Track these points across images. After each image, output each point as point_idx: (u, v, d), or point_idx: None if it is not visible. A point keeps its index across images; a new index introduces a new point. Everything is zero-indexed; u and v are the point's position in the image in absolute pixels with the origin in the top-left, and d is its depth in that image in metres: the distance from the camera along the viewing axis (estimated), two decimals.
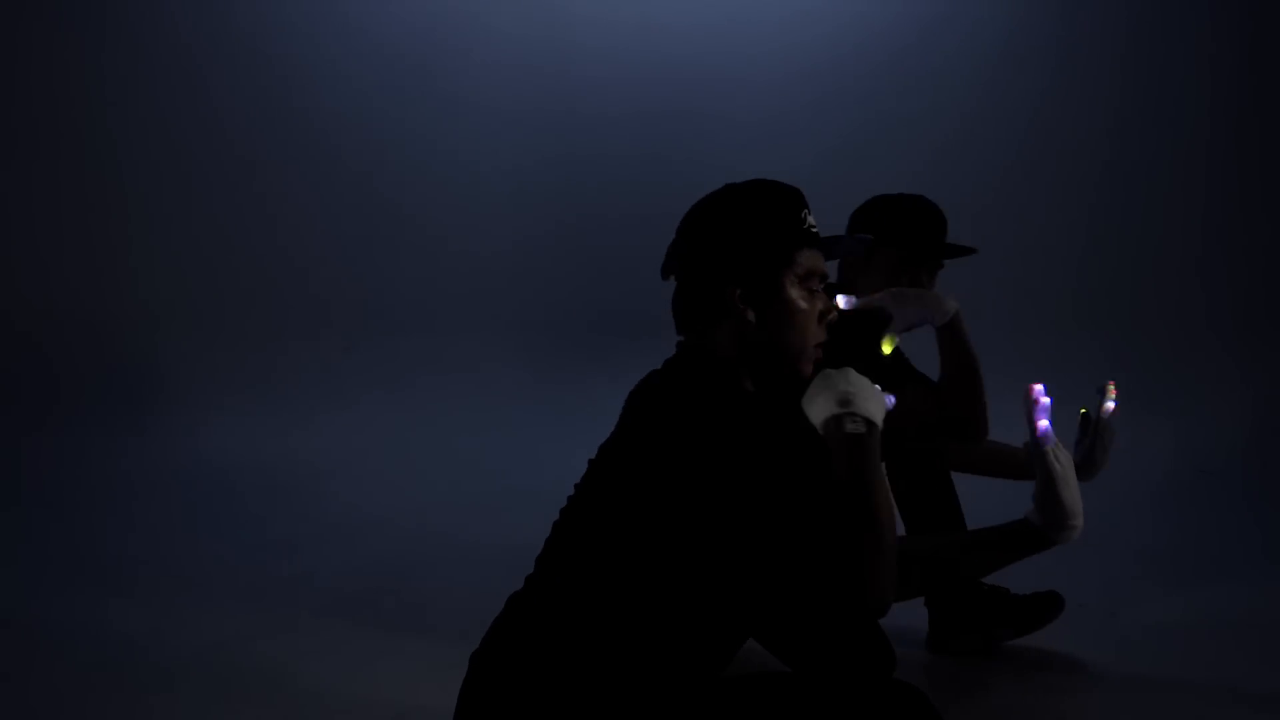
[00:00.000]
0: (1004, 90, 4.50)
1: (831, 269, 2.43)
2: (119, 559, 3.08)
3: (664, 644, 1.36)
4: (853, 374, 1.34)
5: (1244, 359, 4.39)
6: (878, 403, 1.33)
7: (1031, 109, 4.52)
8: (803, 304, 1.45)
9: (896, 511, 1.50)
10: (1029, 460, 1.44)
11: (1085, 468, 2.10)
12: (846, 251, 1.51)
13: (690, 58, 4.43)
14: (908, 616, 2.26)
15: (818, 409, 1.33)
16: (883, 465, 1.34)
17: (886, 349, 1.44)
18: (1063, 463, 1.39)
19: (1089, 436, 2.12)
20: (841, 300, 2.16)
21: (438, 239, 4.39)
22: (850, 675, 1.34)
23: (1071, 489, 1.39)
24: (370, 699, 2.16)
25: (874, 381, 1.34)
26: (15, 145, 4.16)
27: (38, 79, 4.16)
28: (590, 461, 1.47)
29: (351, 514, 3.54)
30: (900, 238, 2.28)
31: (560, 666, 1.35)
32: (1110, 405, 2.04)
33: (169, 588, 2.87)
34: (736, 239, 1.45)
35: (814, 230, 1.48)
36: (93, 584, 2.87)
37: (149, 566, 3.04)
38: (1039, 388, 1.43)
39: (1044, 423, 1.41)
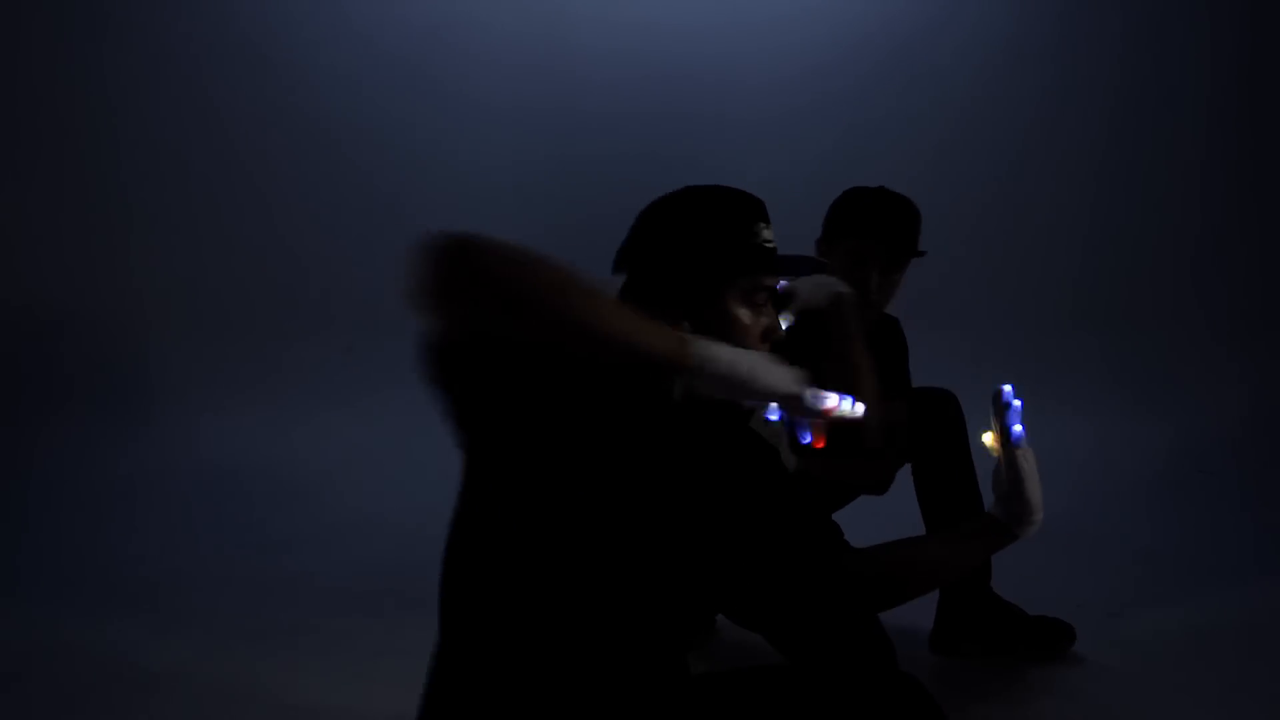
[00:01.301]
0: (1004, 90, 4.50)
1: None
2: (118, 560, 3.08)
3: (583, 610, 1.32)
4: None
5: (1243, 358, 4.40)
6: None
7: (1031, 109, 4.52)
8: (744, 319, 1.39)
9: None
10: (1004, 457, 1.49)
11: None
12: (803, 274, 1.50)
13: (690, 58, 4.43)
14: (908, 616, 2.26)
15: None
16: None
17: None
18: (1030, 462, 1.48)
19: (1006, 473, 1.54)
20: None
21: None
22: (850, 667, 1.34)
23: (1036, 487, 1.48)
24: (371, 699, 2.16)
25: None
26: (15, 145, 4.15)
27: (38, 77, 4.16)
28: None
29: (352, 514, 3.54)
30: (853, 231, 2.30)
31: (521, 660, 1.34)
32: (1017, 429, 1.48)
33: (168, 588, 2.88)
34: (686, 245, 1.40)
35: (768, 246, 1.40)
36: (92, 584, 2.88)
37: (148, 567, 3.04)
38: (1008, 389, 1.49)
39: (1017, 427, 1.49)
